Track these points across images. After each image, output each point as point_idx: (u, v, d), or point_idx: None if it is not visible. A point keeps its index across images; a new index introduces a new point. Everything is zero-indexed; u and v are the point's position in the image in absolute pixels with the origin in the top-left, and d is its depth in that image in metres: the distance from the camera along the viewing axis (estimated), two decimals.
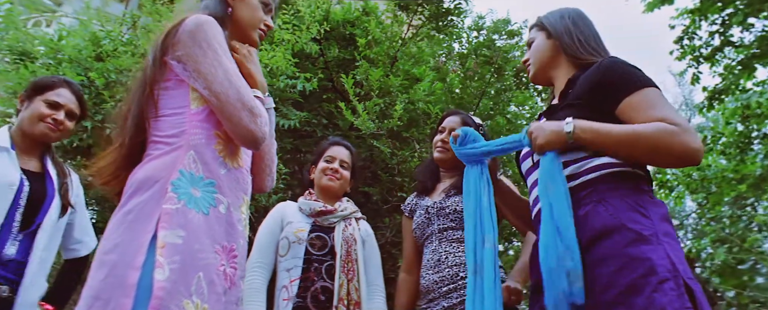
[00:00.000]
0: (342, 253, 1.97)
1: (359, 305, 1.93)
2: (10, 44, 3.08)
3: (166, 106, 1.27)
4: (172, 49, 1.27)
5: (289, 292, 1.94)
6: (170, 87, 1.28)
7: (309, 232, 2.03)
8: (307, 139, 3.54)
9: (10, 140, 1.80)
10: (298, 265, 1.97)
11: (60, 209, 1.83)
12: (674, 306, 1.14)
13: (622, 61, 1.42)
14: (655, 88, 1.37)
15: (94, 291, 1.08)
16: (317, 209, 2.07)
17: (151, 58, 1.32)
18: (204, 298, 1.12)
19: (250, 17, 1.45)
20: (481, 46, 3.51)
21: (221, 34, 1.30)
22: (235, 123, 1.22)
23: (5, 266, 1.68)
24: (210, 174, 1.23)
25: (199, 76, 1.24)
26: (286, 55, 3.17)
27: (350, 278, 1.95)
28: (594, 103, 1.38)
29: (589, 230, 1.30)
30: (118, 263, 1.09)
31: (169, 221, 1.12)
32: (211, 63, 1.24)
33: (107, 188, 1.32)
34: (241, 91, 1.24)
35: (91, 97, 2.93)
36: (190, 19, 1.29)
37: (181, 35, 1.26)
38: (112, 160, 1.30)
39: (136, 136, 1.28)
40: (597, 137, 1.32)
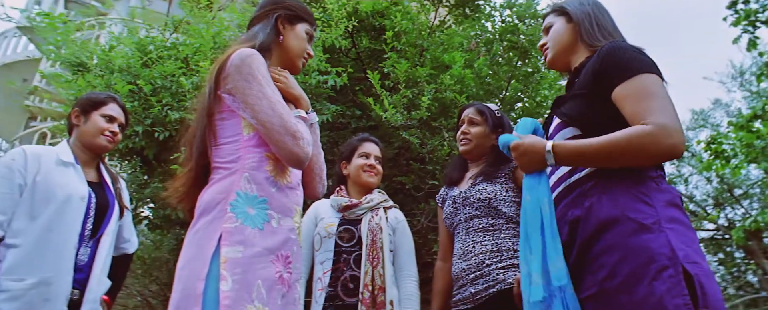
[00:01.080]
0: (367, 242, 2.12)
1: (383, 290, 2.06)
2: (68, 57, 3.36)
3: (223, 134, 1.44)
4: (223, 83, 1.43)
5: (322, 283, 2.11)
6: (225, 118, 1.44)
7: (338, 226, 2.18)
8: (342, 131, 3.69)
9: (73, 155, 2.00)
10: (330, 257, 2.13)
11: (119, 212, 2.05)
12: (671, 294, 1.19)
13: (620, 47, 1.41)
14: (650, 73, 1.36)
15: (175, 303, 1.29)
16: (343, 204, 2.22)
17: (207, 90, 1.48)
18: (264, 302, 1.29)
19: (297, 46, 1.60)
20: (506, 31, 3.53)
21: (264, 66, 1.45)
22: (281, 147, 1.37)
23: (80, 271, 1.87)
24: (263, 193, 1.39)
25: (247, 106, 1.39)
26: (317, 53, 3.31)
27: (375, 265, 2.09)
28: (597, 92, 1.40)
29: (593, 221, 1.35)
30: (189, 276, 1.29)
31: (229, 239, 1.30)
32: (256, 94, 1.39)
33: (180, 205, 1.52)
34: (284, 118, 1.38)
35: (140, 103, 3.17)
36: (235, 54, 1.44)
37: (229, 69, 1.42)
38: (183, 182, 1.49)
39: (201, 161, 1.47)
40: (577, 158, 1.38)
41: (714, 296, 1.24)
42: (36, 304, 1.73)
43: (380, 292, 2.06)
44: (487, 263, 1.99)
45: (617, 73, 1.37)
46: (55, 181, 1.87)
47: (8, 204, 1.81)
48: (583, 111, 1.44)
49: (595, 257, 1.33)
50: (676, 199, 1.38)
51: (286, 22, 1.60)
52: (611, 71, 1.38)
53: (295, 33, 1.61)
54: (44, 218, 1.82)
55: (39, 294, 1.75)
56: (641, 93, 1.33)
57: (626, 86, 1.35)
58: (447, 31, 3.83)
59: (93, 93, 2.16)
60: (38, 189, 1.85)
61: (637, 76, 1.35)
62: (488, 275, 1.98)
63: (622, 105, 1.35)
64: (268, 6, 1.63)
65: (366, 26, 3.84)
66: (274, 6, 1.62)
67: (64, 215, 1.85)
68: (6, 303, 1.71)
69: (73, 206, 1.87)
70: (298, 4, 1.66)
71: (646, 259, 1.24)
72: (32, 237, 1.79)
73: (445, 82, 3.22)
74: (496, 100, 3.57)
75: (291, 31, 1.60)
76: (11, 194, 1.82)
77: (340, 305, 2.07)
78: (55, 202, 1.84)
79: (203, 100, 1.49)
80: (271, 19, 1.59)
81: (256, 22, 1.63)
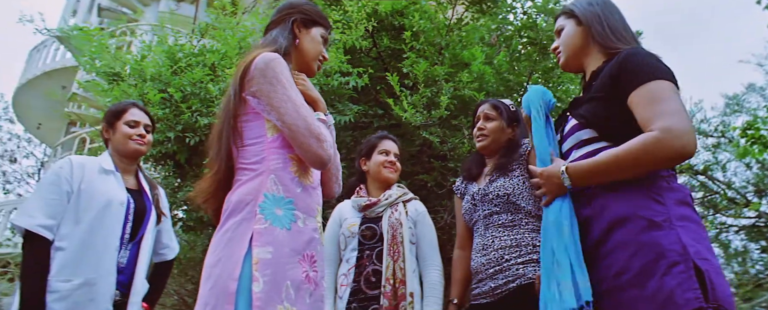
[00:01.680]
0: (388, 238, 2.20)
1: (404, 283, 2.14)
2: (103, 68, 3.53)
3: (248, 136, 1.47)
4: (248, 86, 1.46)
5: (347, 279, 2.21)
6: (250, 119, 1.48)
7: (360, 225, 2.28)
8: (365, 130, 3.76)
9: (113, 163, 2.13)
10: (354, 255, 2.23)
11: (157, 217, 2.17)
12: (683, 288, 1.24)
13: (638, 53, 1.46)
14: (664, 80, 1.40)
15: (204, 299, 1.33)
16: (363, 204, 2.31)
17: (231, 93, 1.51)
18: (293, 302, 1.34)
19: (312, 49, 1.65)
20: (525, 27, 3.54)
21: (287, 69, 1.48)
22: (306, 149, 1.41)
23: (121, 273, 2.00)
24: (289, 194, 1.43)
25: (272, 109, 1.43)
26: (338, 55, 3.39)
27: (396, 259, 2.17)
28: (614, 96, 1.45)
29: (606, 218, 1.40)
30: (221, 274, 1.32)
31: (260, 240, 1.34)
32: (281, 97, 1.42)
33: (206, 205, 1.55)
34: (308, 121, 1.42)
35: (171, 110, 3.31)
36: (259, 57, 1.47)
37: (254, 73, 1.45)
38: (209, 183, 1.52)
39: (227, 163, 1.50)
40: (592, 176, 1.44)
41: (723, 292, 1.28)
42: (82, 304, 1.87)
43: (401, 285, 2.14)
44: (506, 258, 2.02)
45: (632, 78, 1.42)
46: (96, 188, 2.01)
47: (57, 210, 1.94)
48: (600, 114, 1.49)
49: (608, 253, 1.38)
50: (687, 197, 1.42)
51: (302, 26, 1.64)
52: (627, 77, 1.43)
53: (310, 36, 1.65)
54: (87, 222, 1.95)
55: (84, 294, 1.88)
56: (651, 98, 1.38)
57: (639, 92, 1.40)
58: (466, 27, 3.85)
59: (114, 105, 2.28)
60: (82, 196, 1.98)
61: (650, 82, 1.39)
62: (508, 270, 2.00)
63: (635, 110, 1.40)
64: (285, 10, 1.67)
65: (386, 26, 3.89)
66: (291, 10, 1.66)
67: (104, 220, 1.98)
68: (56, 303, 1.84)
69: (112, 210, 2.00)
70: (313, 8, 1.70)
71: (657, 255, 1.29)
72: (76, 240, 1.93)
73: (463, 79, 3.25)
74: (516, 96, 3.58)
75: (307, 35, 1.65)
76: (60, 200, 1.95)
77: (363, 298, 2.17)
78: (96, 207, 1.97)
79: (228, 103, 1.53)
80: (288, 24, 1.63)
81: (273, 26, 1.67)
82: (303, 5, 1.68)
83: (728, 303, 1.27)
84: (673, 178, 1.46)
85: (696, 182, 9.09)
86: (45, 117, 11.58)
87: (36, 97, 11.40)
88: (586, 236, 1.45)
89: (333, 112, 3.38)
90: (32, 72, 11.23)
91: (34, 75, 11.11)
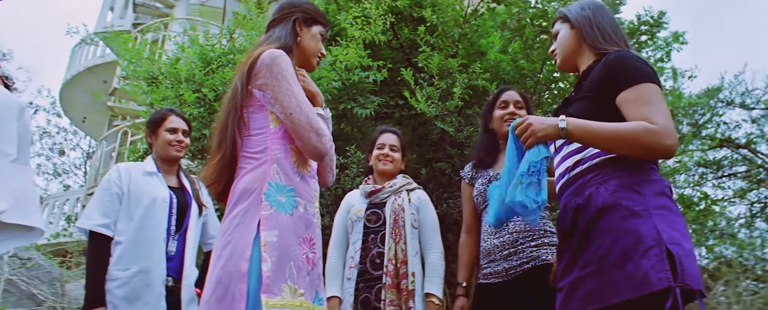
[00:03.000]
0: (390, 222, 2.40)
1: (405, 263, 2.34)
2: (142, 73, 3.83)
3: (253, 127, 1.57)
4: (254, 79, 1.55)
5: (353, 260, 2.42)
6: (255, 111, 1.58)
7: (365, 210, 2.49)
8: (386, 120, 3.94)
9: (155, 166, 2.42)
10: (360, 238, 2.43)
11: (198, 211, 2.44)
12: (656, 269, 1.39)
13: (626, 57, 1.58)
14: (651, 83, 1.53)
15: (216, 277, 1.46)
16: (368, 190, 2.52)
17: (238, 85, 1.59)
18: (294, 280, 1.47)
19: (313, 46, 1.76)
20: (537, 16, 3.63)
21: (291, 66, 1.57)
22: (306, 142, 1.53)
23: (170, 261, 2.27)
24: (290, 182, 1.55)
25: (276, 102, 1.53)
26: (358, 50, 3.56)
27: (397, 241, 2.37)
28: (601, 95, 1.59)
29: (593, 207, 1.56)
30: (232, 256, 1.45)
31: (267, 224, 1.47)
32: (285, 92, 1.52)
33: (211, 188, 1.66)
34: (309, 116, 1.53)
35: (205, 109, 3.57)
36: (266, 53, 1.56)
37: (260, 67, 1.54)
38: (214, 169, 1.61)
39: (232, 151, 1.60)
40: (584, 134, 1.55)
41: (691, 272, 1.43)
42: (139, 289, 2.16)
43: (402, 265, 2.33)
44: (520, 241, 2.17)
45: (622, 80, 1.55)
46: (142, 188, 2.29)
47: (111, 210, 2.24)
48: (589, 112, 1.62)
49: (594, 238, 1.54)
50: (665, 189, 1.57)
51: (303, 24, 1.74)
52: (616, 79, 1.56)
53: (311, 34, 1.75)
54: (137, 218, 2.24)
55: (140, 280, 2.17)
56: (642, 99, 1.52)
57: (629, 93, 1.54)
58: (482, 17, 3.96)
59: (155, 113, 2.55)
60: (131, 196, 2.27)
61: (639, 84, 1.53)
62: (522, 253, 2.15)
63: (625, 109, 1.54)
64: (287, 9, 1.76)
65: (405, 17, 4.03)
66: (292, 9, 1.75)
67: (151, 215, 2.26)
68: (118, 289, 2.14)
69: (157, 207, 2.28)
70: (312, 7, 1.79)
71: (635, 240, 1.45)
72: (130, 234, 2.22)
73: (476, 70, 3.39)
74: (530, 82, 3.69)
75: (307, 33, 1.74)
76: (111, 202, 2.25)
77: (369, 278, 2.37)
78: (143, 205, 2.26)
79: (234, 94, 1.61)
80: (290, 22, 1.72)
81: (275, 24, 1.76)
82: (303, 4, 1.78)
83: (695, 283, 1.42)
84: (654, 171, 1.60)
85: (738, 155, 8.90)
86: (89, 111, 12.17)
87: (80, 92, 11.98)
88: (576, 222, 1.61)
89: (355, 106, 3.58)
90: (76, 68, 11.79)
91: (77, 71, 11.67)
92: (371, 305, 2.32)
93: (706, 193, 6.83)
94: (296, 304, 1.45)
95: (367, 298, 2.33)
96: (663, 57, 5.77)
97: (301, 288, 1.48)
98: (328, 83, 3.49)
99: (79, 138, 15.54)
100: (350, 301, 2.35)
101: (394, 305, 2.28)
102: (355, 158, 3.41)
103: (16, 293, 3.22)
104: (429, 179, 3.60)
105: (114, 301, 2.13)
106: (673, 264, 1.41)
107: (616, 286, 1.44)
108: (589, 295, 1.49)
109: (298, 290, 1.48)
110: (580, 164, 1.63)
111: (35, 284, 3.34)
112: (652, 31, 4.77)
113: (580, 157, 1.63)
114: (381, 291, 2.31)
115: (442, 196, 3.57)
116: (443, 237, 3.54)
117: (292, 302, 1.45)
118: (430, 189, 3.61)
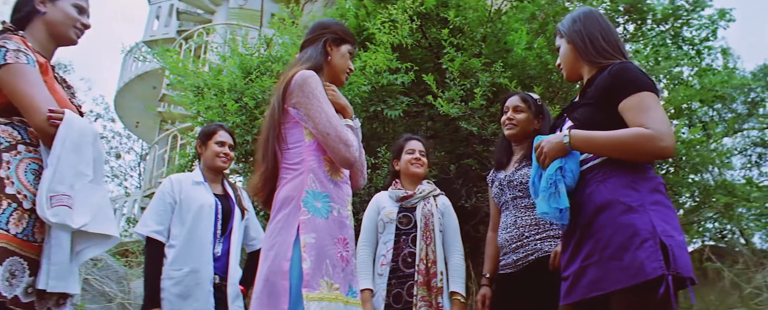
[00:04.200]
0: (421, 225, 2.61)
1: (435, 263, 2.55)
2: (188, 86, 4.15)
3: (290, 141, 1.77)
4: (289, 99, 1.76)
5: (386, 258, 2.62)
6: (291, 127, 1.78)
7: (397, 213, 2.68)
8: (416, 118, 4.12)
9: (202, 175, 2.69)
10: (391, 238, 2.64)
11: (240, 215, 2.69)
12: (650, 259, 1.53)
13: (627, 68, 1.71)
14: (649, 92, 1.66)
15: (264, 275, 1.67)
16: (401, 196, 2.71)
17: (275, 105, 1.80)
18: (330, 276, 1.65)
19: (341, 64, 1.94)
20: (557, 13, 3.71)
21: (320, 84, 1.76)
22: (336, 153, 1.71)
23: (217, 261, 2.51)
24: (325, 189, 1.73)
25: (309, 119, 1.73)
26: (386, 55, 3.75)
27: (428, 243, 2.58)
28: (605, 103, 1.73)
29: (593, 204, 1.70)
30: (276, 256, 1.65)
31: (305, 228, 1.65)
32: (316, 109, 1.71)
33: (256, 197, 1.87)
34: (339, 130, 1.71)
35: (247, 117, 3.85)
36: (298, 74, 1.76)
37: (293, 88, 1.75)
38: (259, 179, 1.82)
39: (274, 163, 1.79)
40: (587, 144, 1.71)
41: (682, 262, 1.56)
42: (191, 286, 2.42)
43: (433, 264, 2.55)
44: (526, 235, 2.37)
45: (623, 89, 1.68)
46: (191, 196, 2.56)
47: (165, 217, 2.52)
48: (592, 118, 1.77)
49: (595, 232, 1.68)
50: (659, 186, 1.71)
51: (333, 44, 1.92)
52: (619, 88, 1.69)
53: (340, 53, 1.93)
54: (187, 224, 2.51)
55: (192, 279, 2.44)
56: (641, 106, 1.65)
57: (630, 101, 1.67)
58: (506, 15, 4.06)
59: (206, 126, 2.82)
60: (182, 204, 2.54)
61: (639, 92, 1.67)
62: (527, 245, 2.36)
63: (627, 115, 1.68)
64: (318, 31, 1.95)
65: (432, 17, 4.17)
66: (323, 31, 1.94)
67: (199, 220, 2.52)
68: (172, 287, 2.42)
69: (204, 213, 2.54)
70: (341, 28, 1.98)
71: (632, 233, 1.59)
72: (182, 238, 2.49)
73: (497, 69, 3.52)
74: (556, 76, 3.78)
75: (337, 52, 1.92)
76: (164, 210, 2.54)
77: (401, 275, 2.58)
78: (192, 211, 2.53)
79: (272, 113, 1.80)
80: (321, 43, 1.91)
81: (307, 44, 1.94)
82: (333, 26, 1.97)
83: (686, 271, 1.55)
84: (649, 170, 1.74)
85: None
86: (141, 116, 12.85)
87: (132, 98, 12.65)
88: (578, 217, 1.75)
89: (384, 107, 3.78)
90: (127, 76, 12.46)
91: (129, 78, 12.33)
92: (403, 299, 2.54)
93: (750, 177, 6.62)
94: (332, 297, 1.63)
95: (399, 293, 2.55)
96: (709, 36, 5.68)
97: (336, 283, 1.67)
98: (358, 87, 3.69)
99: (132, 141, 16.36)
100: (383, 295, 2.56)
101: (424, 300, 2.49)
102: (385, 158, 3.60)
103: (91, 291, 3.61)
104: (458, 175, 3.76)
105: (169, 298, 2.40)
106: (666, 255, 1.54)
107: (615, 275, 1.58)
108: (591, 283, 1.63)
109: (334, 285, 1.66)
110: (582, 165, 1.77)
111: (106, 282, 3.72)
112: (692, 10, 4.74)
113: (582, 157, 1.78)
114: (412, 287, 2.53)
115: (471, 190, 3.73)
116: (475, 229, 3.72)
117: (328, 295, 1.63)
118: (460, 184, 3.78)
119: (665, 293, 1.49)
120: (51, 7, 1.80)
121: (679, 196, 4.64)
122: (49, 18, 1.79)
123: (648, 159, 1.69)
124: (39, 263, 1.56)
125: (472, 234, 3.68)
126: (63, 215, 1.53)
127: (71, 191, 1.56)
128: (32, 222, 1.57)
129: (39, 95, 1.61)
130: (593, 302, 1.65)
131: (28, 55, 1.65)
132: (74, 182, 1.58)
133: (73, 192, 1.57)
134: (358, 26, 4.30)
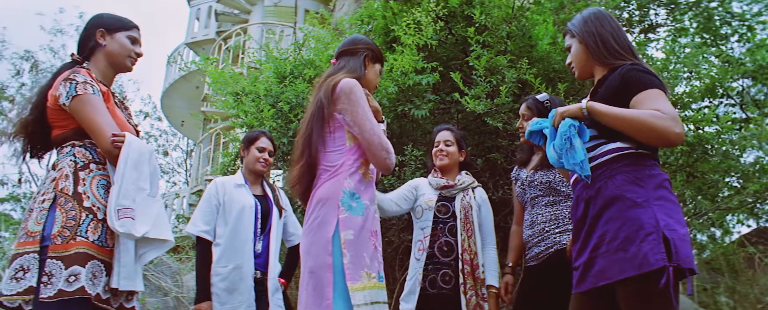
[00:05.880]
0: (461, 216, 2.74)
1: (477, 254, 2.70)
2: (228, 92, 4.43)
3: (333, 144, 1.96)
4: (335, 104, 1.95)
5: (423, 244, 2.76)
6: (334, 130, 1.97)
7: (436, 201, 2.81)
8: (445, 114, 4.24)
9: (244, 178, 2.94)
10: (429, 225, 2.77)
11: (278, 214, 2.93)
12: (653, 251, 1.66)
13: (637, 69, 1.81)
14: (658, 89, 1.77)
15: (309, 269, 1.86)
16: (442, 185, 2.84)
17: (320, 107, 1.97)
18: (368, 267, 1.85)
19: (373, 79, 2.19)
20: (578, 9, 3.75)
21: (363, 93, 1.96)
22: (378, 159, 1.91)
23: (258, 257, 2.75)
24: (358, 190, 1.93)
25: (354, 125, 1.92)
26: (412, 56, 3.88)
27: (469, 235, 2.72)
28: (616, 102, 1.83)
29: (601, 199, 1.83)
30: (319, 252, 1.84)
31: (344, 225, 1.85)
32: (361, 116, 1.90)
33: (293, 189, 2.06)
34: (381, 137, 1.90)
35: (282, 121, 4.08)
36: (344, 82, 1.95)
37: (340, 94, 1.94)
38: (297, 173, 2.01)
39: (314, 160, 1.98)
40: (604, 111, 1.78)
41: (684, 254, 1.68)
42: (236, 281, 2.67)
43: (474, 256, 2.69)
44: (547, 229, 2.56)
45: (634, 86, 1.79)
46: (234, 198, 2.81)
47: (211, 218, 2.78)
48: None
49: (603, 225, 1.82)
50: (664, 182, 1.82)
51: (370, 61, 2.17)
52: (630, 85, 1.80)
53: (374, 70, 2.19)
54: (231, 223, 2.76)
55: (236, 274, 2.68)
56: (652, 98, 1.76)
57: (641, 95, 1.78)
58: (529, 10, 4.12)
59: (250, 132, 3.08)
60: (226, 205, 2.79)
61: (651, 89, 1.78)
62: (547, 239, 2.55)
63: (639, 107, 1.77)
64: (359, 45, 2.18)
65: (457, 15, 4.27)
66: (363, 46, 2.17)
67: (241, 220, 2.76)
68: (220, 282, 2.67)
69: (245, 213, 2.78)
70: (377, 48, 2.22)
71: (637, 227, 1.72)
72: (226, 237, 2.74)
73: (523, 66, 3.61)
74: None
75: (372, 68, 2.18)
76: (210, 212, 2.79)
77: (437, 262, 2.73)
78: (235, 211, 2.77)
79: (317, 113, 1.98)
80: (361, 57, 2.14)
81: (346, 54, 2.16)
82: (371, 44, 2.21)
83: (687, 263, 1.67)
84: (654, 166, 1.84)
85: None
86: (186, 115, 13.38)
87: (177, 98, 13.20)
88: (587, 211, 1.88)
89: (411, 107, 3.92)
90: (172, 77, 13.00)
91: (173, 80, 12.87)
92: (437, 285, 2.69)
93: None
94: (371, 285, 1.85)
95: (434, 279, 2.70)
96: (762, 10, 5.49)
97: (373, 272, 1.87)
98: (385, 89, 3.85)
99: (178, 139, 17.04)
100: (418, 279, 2.71)
101: (472, 289, 2.63)
102: (412, 156, 3.76)
103: (149, 286, 3.94)
104: (485, 169, 3.89)
105: (218, 292, 2.65)
106: (669, 247, 1.67)
107: (621, 265, 1.71)
108: (599, 273, 1.77)
109: (371, 274, 1.85)
110: (591, 161, 1.88)
111: (162, 277, 4.05)
112: None
113: (592, 155, 1.88)
114: (446, 275, 2.68)
115: (498, 183, 3.87)
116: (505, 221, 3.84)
117: (368, 284, 1.83)
118: (487, 177, 3.92)
119: (666, 283, 1.62)
120: (110, 40, 2.06)
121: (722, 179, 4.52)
122: (109, 50, 2.06)
123: (660, 141, 1.76)
124: (111, 265, 1.83)
125: (501, 225, 3.80)
126: (128, 225, 1.81)
127: (133, 204, 1.84)
128: (104, 230, 1.85)
129: (104, 121, 1.88)
130: (602, 290, 1.79)
131: (94, 85, 1.92)
132: (136, 196, 1.85)
133: (135, 205, 1.84)
134: (385, 27, 4.45)
